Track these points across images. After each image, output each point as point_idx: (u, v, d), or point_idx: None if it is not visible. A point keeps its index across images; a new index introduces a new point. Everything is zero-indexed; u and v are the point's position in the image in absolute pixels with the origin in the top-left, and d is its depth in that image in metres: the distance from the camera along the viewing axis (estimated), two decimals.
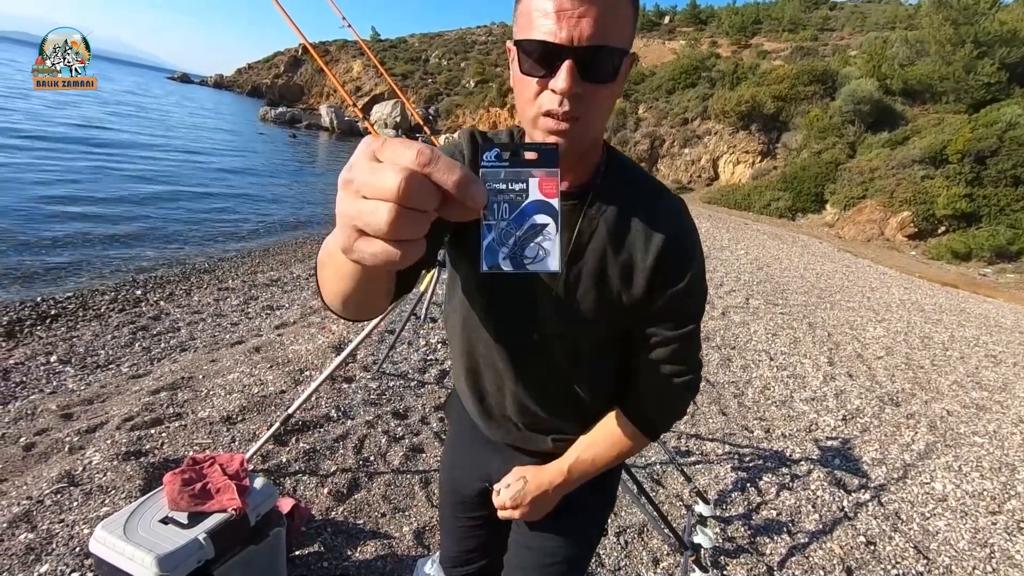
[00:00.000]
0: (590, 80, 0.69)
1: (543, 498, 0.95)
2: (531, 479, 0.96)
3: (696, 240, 0.85)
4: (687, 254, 0.83)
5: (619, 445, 0.94)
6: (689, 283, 0.83)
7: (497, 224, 0.44)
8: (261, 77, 54.42)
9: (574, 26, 0.66)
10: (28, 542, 1.76)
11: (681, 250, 0.83)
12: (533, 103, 0.73)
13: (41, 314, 4.23)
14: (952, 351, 5.88)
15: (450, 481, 1.18)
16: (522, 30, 0.72)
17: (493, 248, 0.44)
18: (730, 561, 2.25)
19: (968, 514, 2.87)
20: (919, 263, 13.11)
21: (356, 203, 0.37)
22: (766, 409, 3.78)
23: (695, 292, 0.86)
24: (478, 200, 0.38)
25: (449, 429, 1.23)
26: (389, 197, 0.35)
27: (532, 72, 0.71)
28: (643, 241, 0.82)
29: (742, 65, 25.64)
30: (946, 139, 15.02)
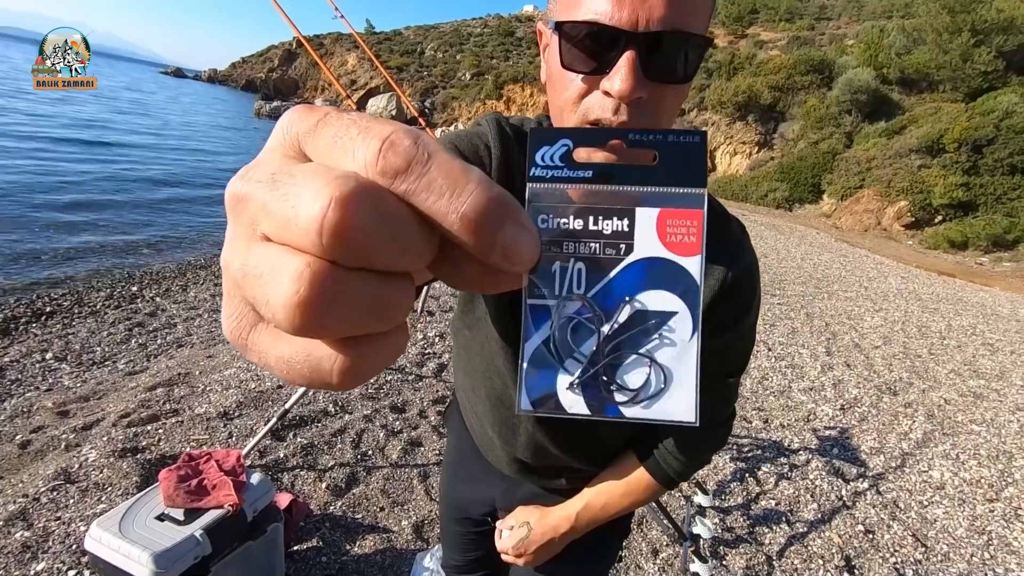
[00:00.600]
0: (659, 79, 0.51)
1: (548, 546, 0.86)
2: (535, 525, 0.86)
3: (757, 281, 0.71)
4: (746, 295, 0.69)
5: (633, 494, 0.84)
6: (741, 333, 0.71)
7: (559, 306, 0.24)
8: (255, 71, 54.07)
9: (640, 4, 0.49)
10: (24, 540, 1.75)
11: (740, 290, 0.68)
12: (575, 108, 0.55)
13: (36, 311, 4.20)
14: (949, 340, 5.89)
15: (451, 496, 1.10)
16: (566, 9, 0.53)
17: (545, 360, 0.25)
18: (729, 551, 2.25)
19: (966, 502, 2.88)
20: (916, 252, 13.13)
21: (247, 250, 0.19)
22: (764, 399, 3.79)
23: (746, 343, 0.74)
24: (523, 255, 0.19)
25: (448, 440, 1.15)
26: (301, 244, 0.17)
27: (577, 66, 0.53)
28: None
29: (739, 55, 25.54)
30: (943, 128, 15.01)
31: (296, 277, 0.17)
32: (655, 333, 0.24)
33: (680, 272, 0.24)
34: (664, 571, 2.10)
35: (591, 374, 0.24)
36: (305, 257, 0.17)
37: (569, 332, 0.24)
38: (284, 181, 0.18)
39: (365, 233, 0.17)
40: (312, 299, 0.17)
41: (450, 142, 0.67)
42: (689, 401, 0.24)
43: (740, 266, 0.68)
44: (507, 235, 0.19)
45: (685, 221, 0.24)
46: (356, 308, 0.18)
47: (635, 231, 0.24)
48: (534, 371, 0.25)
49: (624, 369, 0.24)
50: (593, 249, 0.24)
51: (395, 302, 0.19)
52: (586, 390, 0.25)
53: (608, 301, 0.24)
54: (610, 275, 0.24)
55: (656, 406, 0.24)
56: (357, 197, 0.16)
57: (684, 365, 0.24)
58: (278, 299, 0.17)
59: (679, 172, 0.24)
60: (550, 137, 0.25)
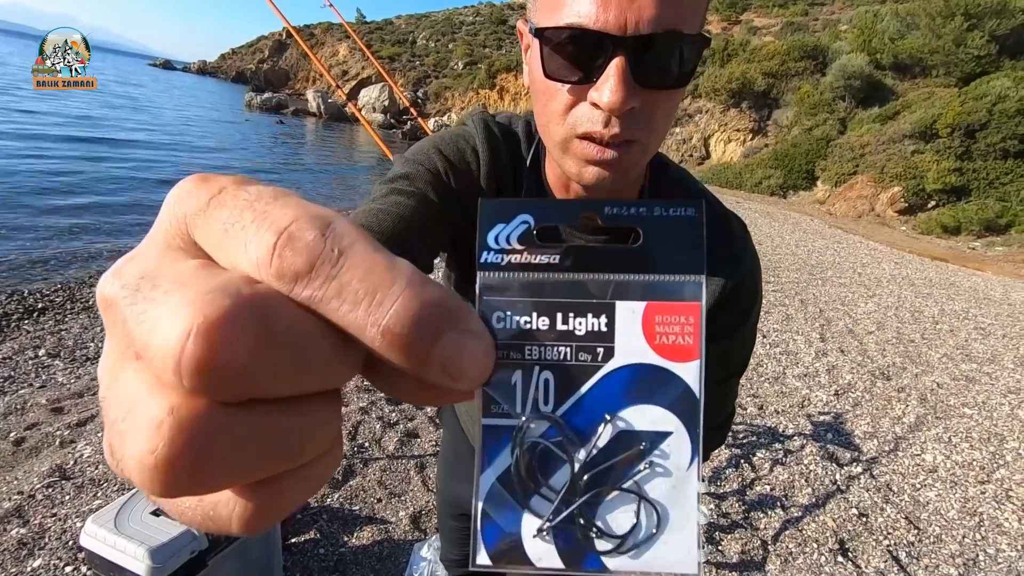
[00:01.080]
0: (652, 85, 0.48)
1: None
2: None
3: (758, 281, 0.69)
4: (747, 300, 0.67)
5: None
6: (743, 336, 0.70)
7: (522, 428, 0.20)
8: (245, 62, 53.51)
9: (628, 5, 0.44)
10: (20, 537, 1.74)
11: (742, 297, 0.66)
12: (562, 120, 0.51)
13: (28, 308, 4.17)
14: (942, 324, 5.94)
15: (449, 492, 1.09)
16: (547, 13, 0.49)
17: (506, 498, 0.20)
18: (725, 536, 2.27)
19: (958, 484, 2.92)
20: (909, 238, 13.19)
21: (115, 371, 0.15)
22: (759, 386, 3.81)
23: (747, 344, 0.73)
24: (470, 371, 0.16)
25: (444, 436, 1.13)
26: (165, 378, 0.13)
27: (562, 76, 0.49)
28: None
29: (732, 42, 25.43)
30: (936, 113, 15.03)
31: (153, 428, 0.12)
32: (644, 461, 0.19)
33: (674, 381, 0.19)
34: None
35: (564, 516, 0.19)
36: (169, 396, 0.13)
37: (536, 461, 0.19)
38: (145, 293, 0.14)
39: (242, 365, 0.12)
40: (176, 458, 0.12)
41: (435, 147, 0.64)
42: (690, 547, 0.19)
43: (742, 271, 0.65)
44: (447, 348, 0.15)
45: (679, 317, 0.19)
46: (249, 453, 0.13)
47: (615, 331, 0.19)
48: (493, 512, 0.19)
49: (606, 508, 0.19)
50: (563, 354, 0.19)
51: (307, 431, 0.15)
52: (559, 537, 0.19)
53: (583, 420, 0.19)
54: (585, 387, 0.19)
55: (648, 555, 0.19)
56: (228, 322, 0.12)
57: (682, 501, 0.19)
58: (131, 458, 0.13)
59: (671, 254, 0.19)
60: (505, 212, 0.19)
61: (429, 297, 0.14)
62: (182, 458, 0.12)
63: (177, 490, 0.13)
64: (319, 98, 31.90)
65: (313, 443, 0.15)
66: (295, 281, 0.13)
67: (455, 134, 0.66)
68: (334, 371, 0.15)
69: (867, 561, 2.25)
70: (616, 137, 0.48)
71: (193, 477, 0.13)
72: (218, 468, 0.13)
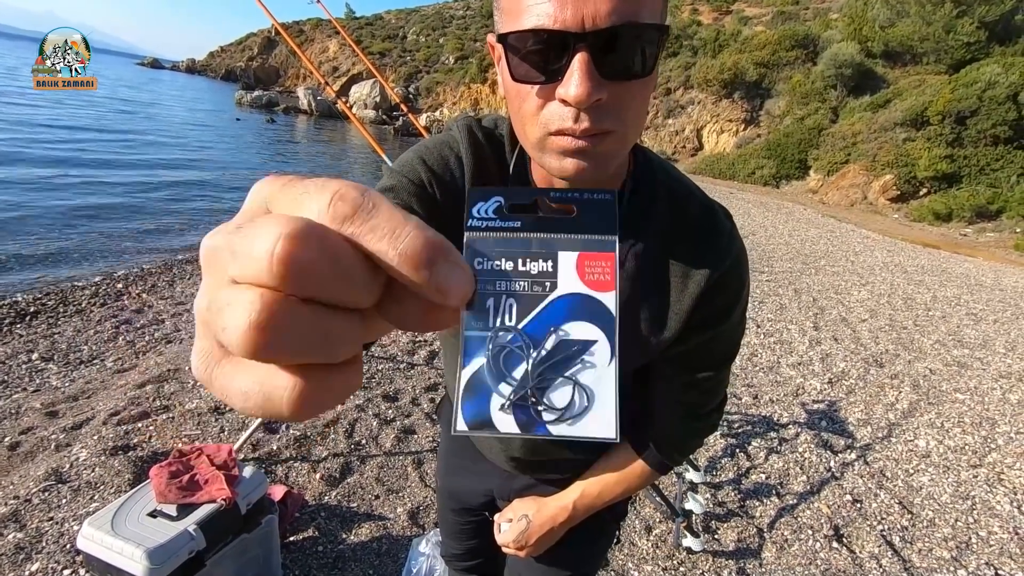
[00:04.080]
0: (617, 77, 0.49)
1: (548, 536, 0.87)
2: (534, 517, 0.87)
3: (745, 272, 0.70)
4: (733, 291, 0.68)
5: (627, 481, 0.85)
6: (730, 325, 0.71)
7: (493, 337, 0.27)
8: (235, 60, 53.07)
9: (584, 1, 0.45)
10: (17, 541, 1.74)
11: (727, 288, 0.67)
12: (535, 121, 0.52)
13: (20, 311, 4.14)
14: (934, 311, 5.98)
15: (448, 488, 1.10)
16: (509, 19, 0.51)
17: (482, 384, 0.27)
18: (721, 525, 2.30)
19: (951, 468, 2.95)
20: (901, 225, 13.26)
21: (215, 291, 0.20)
22: (754, 375, 3.83)
23: (734, 333, 0.74)
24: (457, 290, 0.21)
25: (442, 432, 1.15)
26: (261, 276, 0.18)
27: (530, 77, 0.50)
28: (681, 278, 0.66)
29: (724, 32, 25.40)
30: (927, 101, 15.08)
31: (251, 303, 0.18)
32: (578, 359, 0.26)
33: (598, 306, 0.27)
34: (658, 547, 2.14)
35: (521, 396, 0.27)
36: (260, 289, 0.19)
37: (502, 359, 0.27)
38: (246, 226, 0.20)
39: (310, 265, 0.18)
40: (263, 323, 0.18)
41: (419, 157, 0.66)
42: (609, 420, 0.26)
43: (727, 263, 0.67)
44: (440, 272, 0.20)
45: (600, 262, 0.27)
46: (304, 335, 0.19)
47: (558, 271, 0.27)
48: (470, 395, 0.27)
49: (551, 390, 0.27)
50: (522, 287, 0.27)
51: (342, 335, 0.20)
52: (516, 410, 0.27)
53: (536, 331, 0.27)
54: (537, 309, 0.27)
55: (580, 424, 0.26)
56: (303, 234, 0.18)
57: (604, 386, 0.26)
58: (234, 323, 0.18)
59: (595, 222, 0.28)
60: (485, 195, 0.29)
61: (430, 236, 0.20)
62: (267, 322, 0.18)
63: (260, 349, 0.18)
64: (310, 95, 31.70)
65: (345, 347, 0.21)
66: (343, 221, 0.20)
67: (439, 142, 0.68)
68: (363, 287, 0.20)
69: (861, 546, 2.28)
70: (587, 131, 0.49)
71: (271, 340, 0.18)
72: (286, 338, 0.19)
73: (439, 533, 1.80)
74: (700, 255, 0.66)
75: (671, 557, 2.10)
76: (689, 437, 0.82)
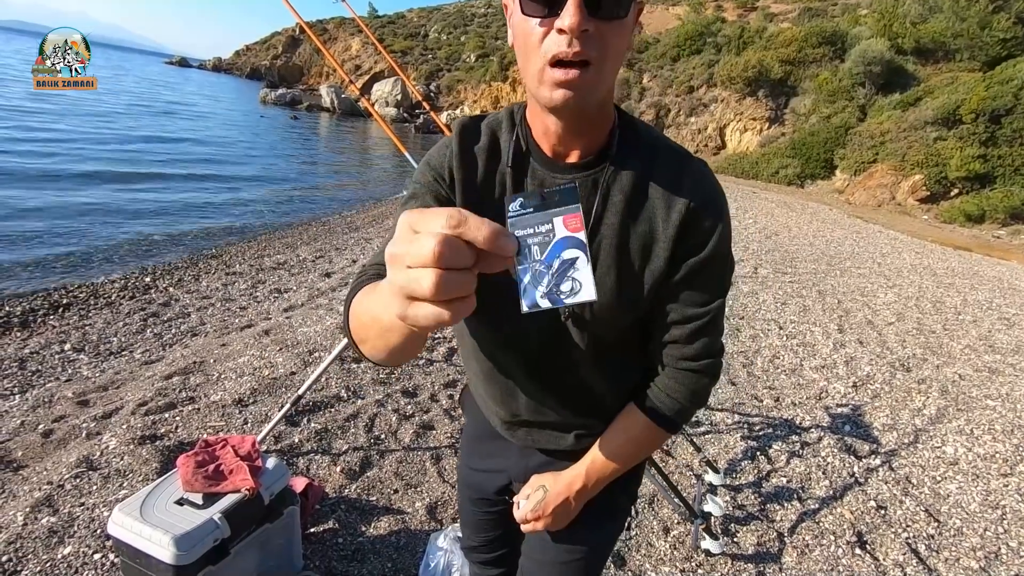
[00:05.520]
0: (600, 16, 0.64)
1: (564, 506, 0.90)
2: (551, 487, 0.91)
3: (722, 206, 0.78)
4: (711, 220, 0.77)
5: (636, 442, 0.88)
6: (714, 251, 0.77)
7: (531, 266, 0.46)
8: (260, 59, 53.85)
9: None
10: (51, 525, 1.80)
11: (705, 215, 0.76)
12: (538, 51, 0.67)
13: (53, 303, 4.27)
14: (965, 315, 5.82)
15: (467, 476, 1.14)
16: None
17: (530, 289, 0.46)
18: (740, 528, 2.27)
19: (980, 477, 2.87)
20: (931, 227, 12.92)
21: (402, 273, 0.39)
22: (775, 378, 3.78)
23: (720, 263, 0.80)
24: (509, 249, 0.41)
25: (465, 419, 1.19)
26: (429, 263, 0.37)
27: (534, 12, 0.65)
28: (664, 209, 0.76)
29: (748, 29, 24.99)
30: (960, 99, 14.65)
31: (431, 276, 0.37)
32: (572, 267, 0.45)
33: (576, 240, 0.45)
34: (676, 548, 2.13)
35: (549, 290, 0.45)
36: (430, 268, 0.37)
37: (536, 276, 0.46)
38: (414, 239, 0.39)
39: (450, 253, 0.38)
40: (438, 283, 0.37)
41: (426, 163, 0.85)
42: (590, 292, 0.45)
43: (700, 196, 0.77)
44: (502, 242, 0.40)
45: (574, 219, 0.46)
46: (452, 285, 0.38)
47: (554, 227, 0.46)
48: (527, 295, 0.46)
49: (563, 284, 0.45)
50: (540, 239, 0.46)
51: (465, 282, 0.39)
52: (548, 296, 0.45)
53: (550, 259, 0.46)
54: (548, 247, 0.46)
55: (577, 297, 0.45)
56: (444, 239, 0.37)
57: (586, 278, 0.45)
58: (425, 287, 0.37)
59: (568, 199, 0.47)
60: (513, 199, 0.48)
61: (496, 227, 0.39)
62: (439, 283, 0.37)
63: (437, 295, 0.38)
64: (333, 93, 32.02)
65: (469, 286, 0.39)
66: (454, 228, 0.38)
67: (440, 145, 0.85)
68: (470, 258, 0.39)
69: (885, 554, 2.23)
70: (577, 55, 0.64)
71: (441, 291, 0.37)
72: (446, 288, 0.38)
73: (457, 528, 1.82)
74: (678, 187, 0.77)
75: (689, 559, 2.08)
76: (691, 386, 0.84)
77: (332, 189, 11.35)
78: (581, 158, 0.77)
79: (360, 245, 6.75)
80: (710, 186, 0.78)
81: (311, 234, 7.49)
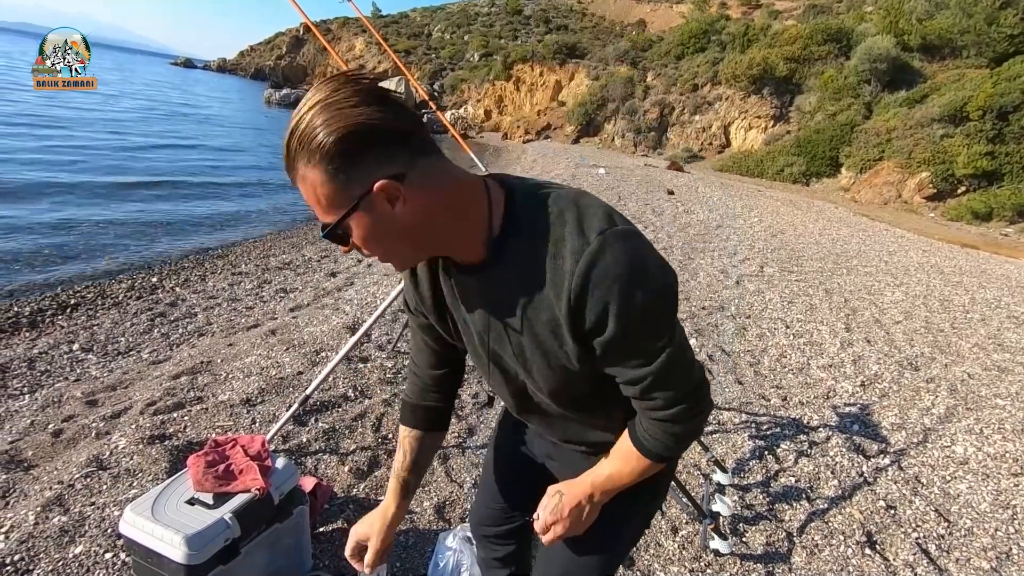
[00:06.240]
0: (338, 239, 0.72)
1: (578, 510, 0.93)
2: (566, 492, 0.94)
3: (618, 281, 0.69)
4: (601, 301, 0.70)
5: (633, 468, 0.90)
6: (618, 331, 0.72)
7: None
8: (264, 59, 54.02)
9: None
10: (62, 524, 1.81)
11: (592, 298, 0.70)
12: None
13: (61, 304, 4.30)
14: (973, 313, 5.78)
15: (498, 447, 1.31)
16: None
17: None
18: (749, 528, 2.26)
19: (990, 476, 2.85)
20: (938, 225, 12.85)
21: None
22: (783, 377, 3.76)
23: (636, 336, 0.74)
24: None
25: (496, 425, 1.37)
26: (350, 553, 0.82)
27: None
28: (555, 296, 0.73)
29: (753, 27, 24.89)
30: (967, 95, 14.56)
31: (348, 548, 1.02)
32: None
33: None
34: (684, 548, 2.12)
35: None
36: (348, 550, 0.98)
37: None
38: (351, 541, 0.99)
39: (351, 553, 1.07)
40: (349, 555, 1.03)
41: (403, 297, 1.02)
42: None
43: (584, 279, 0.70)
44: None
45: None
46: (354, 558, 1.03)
47: None
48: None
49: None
50: None
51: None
52: None
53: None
54: None
55: None
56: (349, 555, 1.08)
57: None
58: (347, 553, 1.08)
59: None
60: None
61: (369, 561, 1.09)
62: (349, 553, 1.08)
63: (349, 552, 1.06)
64: None
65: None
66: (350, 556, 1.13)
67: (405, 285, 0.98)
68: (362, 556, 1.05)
69: (895, 553, 2.22)
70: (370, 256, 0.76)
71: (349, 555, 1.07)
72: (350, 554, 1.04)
73: (466, 528, 1.82)
74: (563, 273, 0.72)
75: (698, 559, 2.08)
76: (666, 431, 0.84)
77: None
78: (479, 260, 0.78)
79: None
80: (602, 265, 0.69)
81: (316, 233, 7.50)
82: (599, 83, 26.04)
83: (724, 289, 5.60)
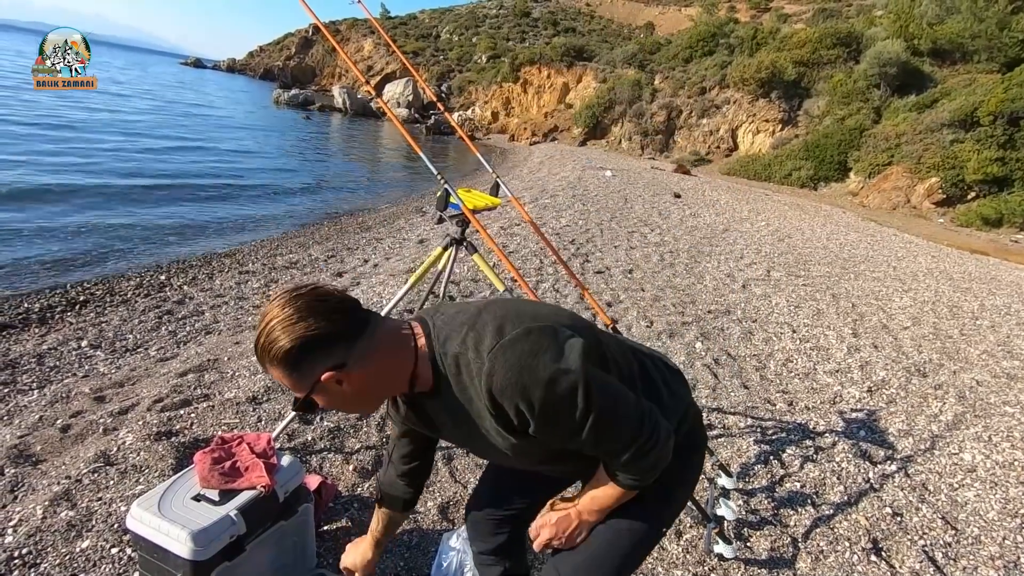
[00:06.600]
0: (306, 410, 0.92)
1: (566, 520, 1.07)
2: (559, 506, 1.11)
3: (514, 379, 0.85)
4: (511, 405, 0.86)
5: (612, 493, 1.03)
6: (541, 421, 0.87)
7: None
8: (273, 59, 54.31)
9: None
10: (69, 519, 1.82)
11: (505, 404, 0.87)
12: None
13: (70, 300, 4.33)
14: (982, 320, 5.74)
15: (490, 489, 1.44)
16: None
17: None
18: (754, 533, 2.25)
19: (998, 484, 2.83)
20: (947, 231, 12.75)
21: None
22: (789, 382, 3.74)
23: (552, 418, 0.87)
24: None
25: None
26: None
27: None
28: (480, 407, 0.91)
29: (762, 30, 24.82)
30: (977, 100, 14.45)
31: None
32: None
33: None
34: (688, 552, 2.11)
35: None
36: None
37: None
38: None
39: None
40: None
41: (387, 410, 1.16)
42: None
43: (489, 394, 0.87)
44: None
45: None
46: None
47: None
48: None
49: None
50: None
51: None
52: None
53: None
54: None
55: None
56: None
57: None
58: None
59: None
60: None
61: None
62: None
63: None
64: (345, 94, 32.22)
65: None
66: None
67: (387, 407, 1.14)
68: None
69: (901, 561, 2.21)
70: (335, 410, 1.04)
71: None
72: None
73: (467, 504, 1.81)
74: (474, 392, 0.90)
75: (702, 563, 2.07)
76: (630, 476, 0.98)
77: (344, 189, 11.41)
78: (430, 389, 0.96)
79: (372, 245, 6.77)
80: (497, 381, 0.85)
81: (323, 234, 7.53)
82: (606, 86, 26.02)
83: (730, 293, 5.58)
